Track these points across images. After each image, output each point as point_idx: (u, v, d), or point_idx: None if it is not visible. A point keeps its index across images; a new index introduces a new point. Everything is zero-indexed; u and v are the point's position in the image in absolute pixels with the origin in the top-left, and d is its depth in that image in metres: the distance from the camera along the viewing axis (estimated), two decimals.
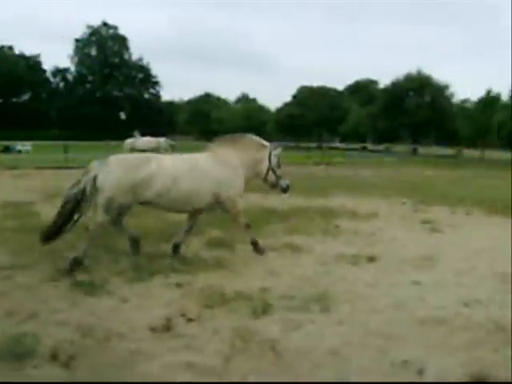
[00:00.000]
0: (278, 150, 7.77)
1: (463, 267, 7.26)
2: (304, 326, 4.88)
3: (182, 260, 7.04)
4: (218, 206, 7.46)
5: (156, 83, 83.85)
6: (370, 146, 71.09)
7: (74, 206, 6.78)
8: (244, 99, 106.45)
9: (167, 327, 4.77)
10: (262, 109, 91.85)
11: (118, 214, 6.94)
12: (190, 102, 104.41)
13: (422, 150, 59.63)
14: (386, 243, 8.69)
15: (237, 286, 5.90)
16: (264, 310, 5.21)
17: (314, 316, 5.14)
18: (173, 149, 28.87)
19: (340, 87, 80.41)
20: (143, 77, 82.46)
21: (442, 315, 5.27)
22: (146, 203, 7.05)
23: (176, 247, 7.45)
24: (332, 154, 40.08)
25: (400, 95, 58.07)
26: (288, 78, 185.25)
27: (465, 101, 67.16)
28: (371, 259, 7.50)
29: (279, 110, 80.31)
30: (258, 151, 7.61)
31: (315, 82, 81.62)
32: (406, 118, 56.54)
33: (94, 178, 6.67)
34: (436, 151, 57.34)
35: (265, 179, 7.74)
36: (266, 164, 7.62)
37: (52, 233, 6.80)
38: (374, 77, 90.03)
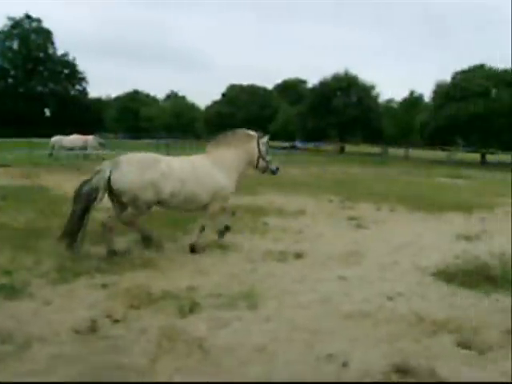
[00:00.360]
0: (265, 138, 8.44)
1: (387, 262, 7.53)
2: (231, 323, 4.92)
3: (108, 260, 6.90)
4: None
5: (82, 79, 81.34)
6: (299, 144, 71.98)
7: (87, 204, 7.07)
8: (173, 97, 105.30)
9: (92, 329, 4.66)
10: (191, 107, 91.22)
11: (147, 208, 7.45)
12: (117, 99, 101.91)
13: (349, 148, 61.04)
14: (313, 240, 8.86)
15: (164, 286, 5.86)
16: (191, 308, 5.21)
17: (242, 313, 5.18)
18: (102, 147, 28.25)
19: (269, 86, 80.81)
20: (69, 72, 79.58)
21: (367, 309, 5.45)
22: (160, 203, 7.50)
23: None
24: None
25: (328, 95, 58.95)
26: (218, 77, 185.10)
27: (390, 101, 69.40)
28: (298, 256, 7.63)
29: (208, 108, 79.87)
30: (248, 143, 8.22)
31: (245, 80, 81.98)
32: (333, 117, 57.52)
33: (108, 178, 7.03)
34: (362, 150, 58.81)
35: (256, 166, 8.38)
36: (256, 153, 8.24)
37: (70, 232, 7.04)
38: (302, 76, 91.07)
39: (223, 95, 77.39)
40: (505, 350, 4.56)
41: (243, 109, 70.77)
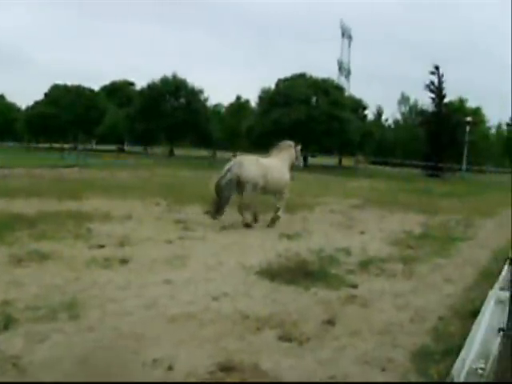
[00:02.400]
0: (299, 147, 12.86)
1: (212, 263, 7.69)
2: (51, 336, 4.65)
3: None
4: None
5: None
6: (127, 147, 70.74)
7: (229, 192, 10.89)
8: None
9: None
10: (10, 106, 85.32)
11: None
12: None
13: (178, 151, 61.30)
14: (139, 244, 8.72)
15: None
16: (6, 324, 4.82)
17: (63, 325, 4.93)
18: None
19: (96, 87, 78.04)
20: None
21: (192, 310, 5.51)
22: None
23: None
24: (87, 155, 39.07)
25: (156, 97, 58.78)
26: (40, 76, 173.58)
27: (217, 105, 71.02)
28: (124, 261, 7.45)
29: (30, 109, 75.08)
30: (291, 150, 12.53)
31: (70, 80, 78.46)
32: (162, 120, 57.41)
33: (238, 173, 10.87)
34: (192, 153, 59.41)
35: (292, 165, 12.60)
36: (295, 156, 12.63)
37: (218, 210, 10.87)
38: (130, 78, 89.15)
39: (46, 95, 73.19)
40: (321, 340, 4.91)
41: (68, 110, 67.56)
